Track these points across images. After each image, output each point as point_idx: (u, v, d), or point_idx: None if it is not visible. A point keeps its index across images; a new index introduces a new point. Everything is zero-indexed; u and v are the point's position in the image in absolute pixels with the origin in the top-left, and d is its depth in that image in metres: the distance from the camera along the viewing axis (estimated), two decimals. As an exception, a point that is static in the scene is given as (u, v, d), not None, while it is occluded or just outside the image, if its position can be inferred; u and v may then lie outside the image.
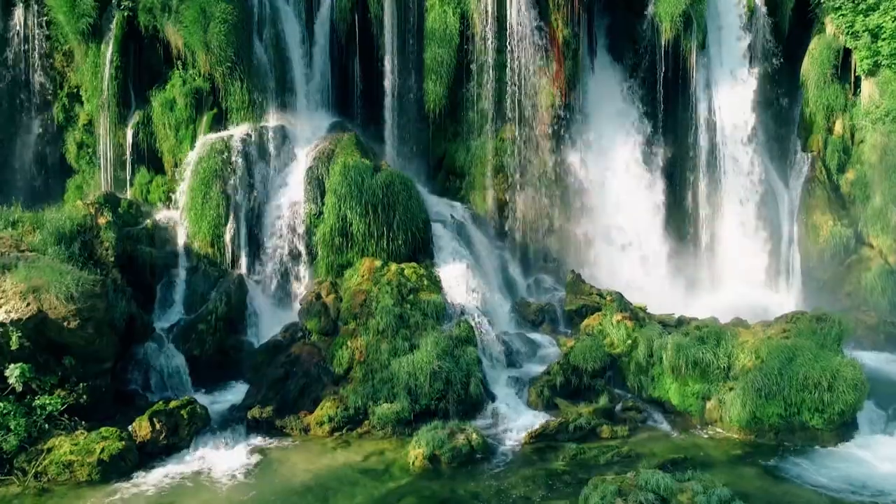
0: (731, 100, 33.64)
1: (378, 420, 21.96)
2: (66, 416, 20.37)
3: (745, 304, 30.65)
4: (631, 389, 24.08)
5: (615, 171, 33.30)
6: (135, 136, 29.55)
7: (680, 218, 33.65)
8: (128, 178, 29.71)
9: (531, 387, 23.83)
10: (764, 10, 34.02)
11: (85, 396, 20.77)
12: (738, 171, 33.80)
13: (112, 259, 23.95)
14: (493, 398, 23.40)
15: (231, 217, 27.49)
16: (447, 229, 29.53)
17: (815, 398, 21.14)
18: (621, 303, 26.58)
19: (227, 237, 27.19)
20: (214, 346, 24.89)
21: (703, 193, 33.36)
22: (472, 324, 24.86)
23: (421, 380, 22.33)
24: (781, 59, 34.34)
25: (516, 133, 31.88)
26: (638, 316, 26.36)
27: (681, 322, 26.93)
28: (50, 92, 31.16)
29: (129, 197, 29.44)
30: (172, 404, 21.41)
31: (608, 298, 27.29)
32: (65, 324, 20.08)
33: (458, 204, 31.61)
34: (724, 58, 33.91)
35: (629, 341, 25.19)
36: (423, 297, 25.44)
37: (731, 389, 21.92)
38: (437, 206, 30.99)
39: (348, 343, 23.99)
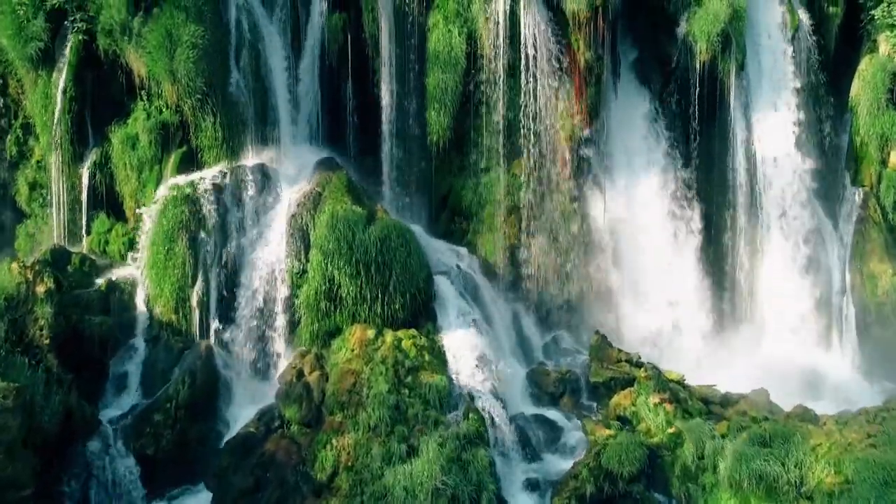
0: (772, 128, 28.89)
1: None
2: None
3: (792, 366, 26.59)
4: (676, 498, 18.84)
5: (643, 210, 28.52)
6: (91, 177, 24.45)
7: (716, 263, 28.81)
8: (83, 226, 24.17)
9: (555, 496, 18.94)
10: (809, 26, 28.42)
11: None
12: (781, 210, 28.90)
13: (48, 342, 18.81)
14: (508, 512, 18.26)
15: (199, 277, 22.46)
16: (452, 284, 24.79)
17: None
18: (658, 380, 21.54)
19: (194, 301, 22.27)
20: (174, 440, 20.10)
21: (741, 235, 28.20)
22: (483, 414, 19.46)
23: (421, 498, 17.08)
24: (828, 82, 28.40)
25: (531, 168, 26.78)
26: (678, 396, 21.36)
27: (727, 400, 22.39)
28: (4, 121, 25.68)
29: (84, 249, 24.29)
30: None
31: (642, 374, 22.10)
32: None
33: (464, 250, 26.75)
34: (764, 81, 28.84)
35: (670, 430, 19.84)
36: (423, 379, 20.47)
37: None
38: (441, 252, 26.24)
39: (334, 441, 19.16)
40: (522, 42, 26.45)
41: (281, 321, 23.03)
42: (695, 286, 28.47)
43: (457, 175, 27.72)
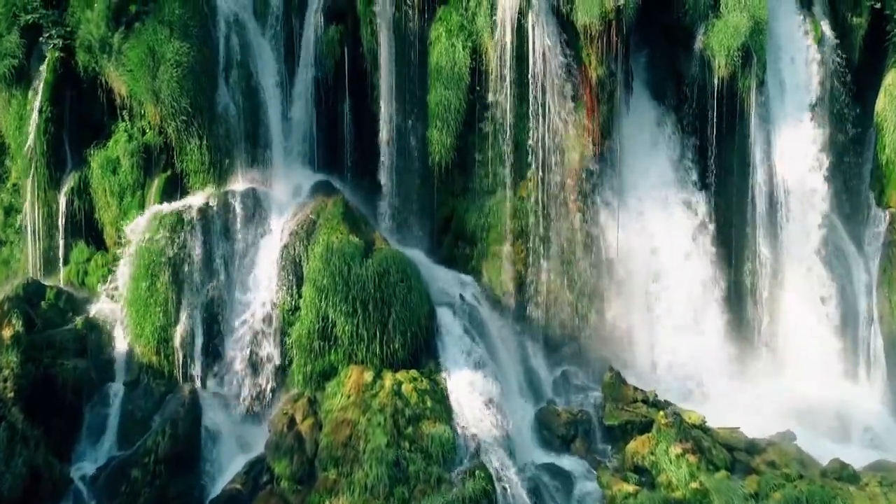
0: (793, 147, 26.82)
1: None
2: None
3: (817, 402, 24.43)
4: (703, 567, 16.63)
5: (657, 235, 26.44)
6: (69, 203, 22.29)
7: (735, 290, 26.55)
8: (61, 255, 22.04)
9: (571, 564, 16.48)
10: (833, 39, 26.22)
11: None
12: (803, 234, 26.66)
13: (12, 394, 16.77)
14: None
15: (183, 314, 20.27)
16: (456, 317, 22.85)
17: None
18: (680, 428, 19.35)
19: (177, 341, 20.28)
20: (153, 498, 18.07)
21: (761, 260, 25.89)
22: (490, 470, 17.36)
23: (423, 575, 14.95)
24: (851, 98, 26.27)
25: (539, 190, 24.49)
26: (701, 445, 19.43)
27: (753, 447, 20.77)
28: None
29: (61, 279, 22.14)
30: None
31: (662, 419, 20.03)
32: None
33: (468, 278, 24.77)
34: (785, 96, 26.65)
35: (693, 485, 17.77)
36: (425, 430, 18.55)
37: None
38: (444, 281, 24.22)
39: (327, 502, 16.65)
40: (530, 57, 24.46)
41: (272, 361, 20.99)
42: (712, 314, 26.36)
43: (460, 196, 25.69)
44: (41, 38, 22.67)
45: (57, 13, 22.69)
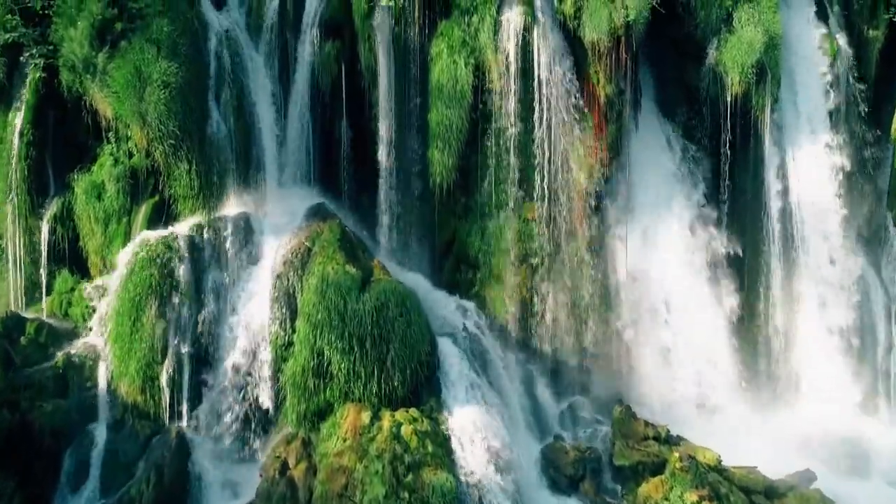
0: (809, 166, 25.49)
1: None
2: None
3: (834, 435, 23.24)
4: None
5: (667, 258, 24.99)
6: (52, 231, 20.79)
7: (748, 317, 25.38)
8: (43, 285, 20.67)
9: None
10: (849, 53, 24.76)
11: None
12: (819, 257, 25.39)
13: (-18, 446, 15.19)
14: None
15: (170, 351, 18.91)
16: (458, 348, 21.46)
17: None
18: (696, 472, 17.98)
19: (164, 379, 18.82)
20: (136, 552, 16.12)
21: (775, 284, 24.59)
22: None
23: None
24: (868, 114, 24.94)
25: (544, 212, 23.06)
26: (718, 492, 18.05)
27: (773, 491, 19.99)
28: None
29: (43, 310, 20.85)
30: None
31: (676, 461, 18.73)
32: None
33: (471, 306, 23.48)
34: (800, 113, 25.35)
35: (711, 535, 16.42)
36: (426, 478, 17.40)
37: None
38: (445, 307, 23.16)
39: None
40: (536, 74, 23.11)
41: (264, 400, 19.62)
42: (725, 340, 25.05)
43: (462, 217, 24.45)
44: (22, 58, 21.06)
45: (39, 31, 21.13)
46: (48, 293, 21.78)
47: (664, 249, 24.93)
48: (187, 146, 20.94)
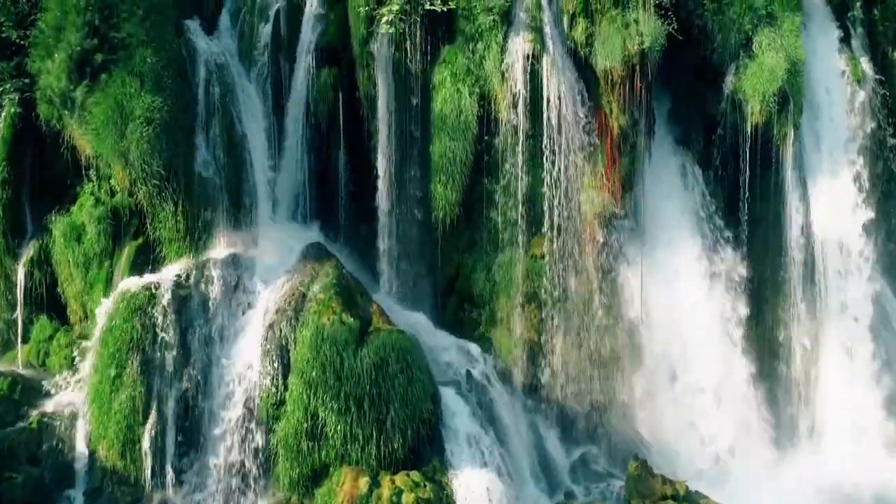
0: (833, 197, 24.06)
1: None
2: None
3: (860, 484, 21.89)
4: None
5: (683, 297, 23.50)
6: (28, 276, 19.04)
7: (768, 359, 24.01)
8: (19, 333, 19.04)
9: None
10: (873, 77, 23.09)
11: None
12: (844, 292, 24.07)
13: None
14: None
15: (153, 410, 17.23)
16: (462, 399, 20.10)
17: None
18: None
19: (146, 442, 17.07)
20: None
21: (797, 324, 23.07)
22: None
23: None
24: (892, 140, 23.39)
25: (554, 248, 21.78)
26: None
27: None
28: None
29: (19, 360, 19.12)
30: None
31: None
32: None
33: (475, 349, 22.12)
34: (822, 142, 23.73)
35: None
36: (429, 558, 15.06)
37: None
38: (448, 351, 21.94)
39: None
40: (545, 105, 21.69)
41: (255, 463, 17.90)
42: (745, 381, 23.59)
43: (466, 252, 23.04)
44: (-2, 90, 19.55)
45: (14, 62, 19.45)
46: (24, 342, 20.02)
47: (681, 285, 23.44)
48: (173, 186, 19.43)
